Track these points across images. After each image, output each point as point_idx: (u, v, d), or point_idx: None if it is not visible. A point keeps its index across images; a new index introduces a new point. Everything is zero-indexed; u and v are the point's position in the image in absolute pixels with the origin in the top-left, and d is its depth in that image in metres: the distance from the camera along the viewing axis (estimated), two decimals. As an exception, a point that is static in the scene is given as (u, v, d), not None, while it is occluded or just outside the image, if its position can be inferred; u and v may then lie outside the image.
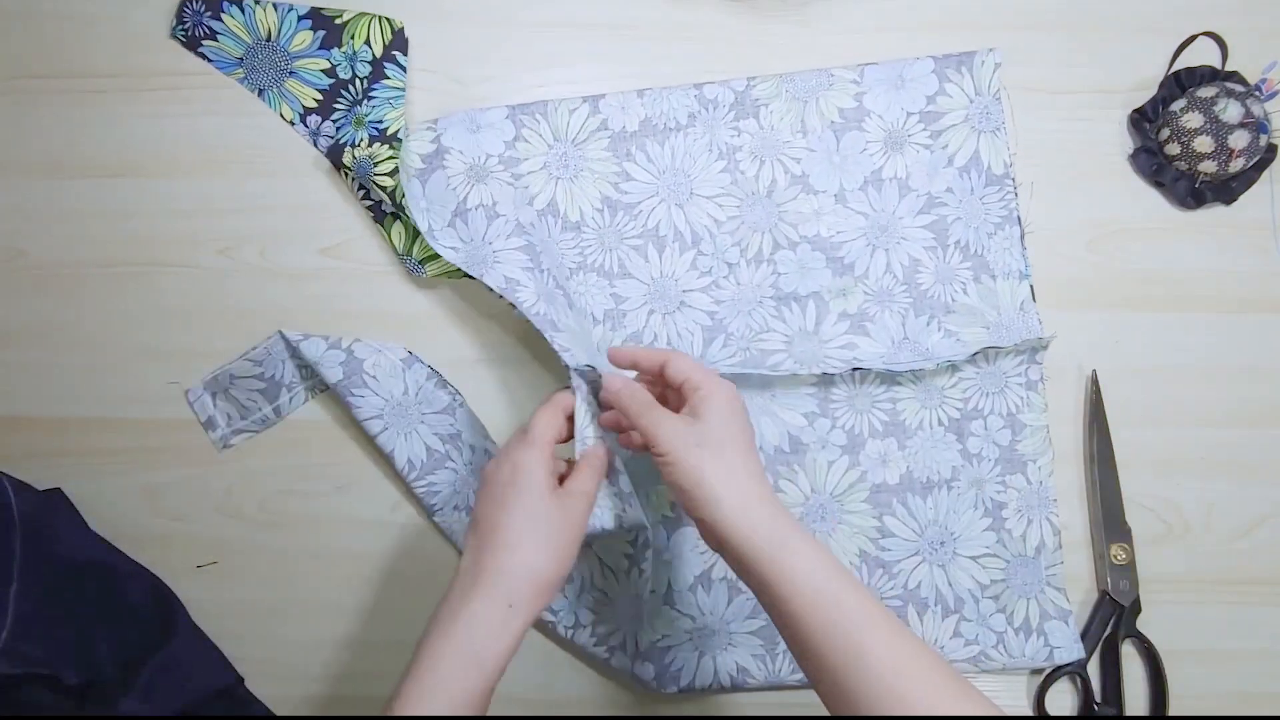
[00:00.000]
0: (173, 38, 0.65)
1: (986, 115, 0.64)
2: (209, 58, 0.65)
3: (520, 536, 0.48)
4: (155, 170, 0.65)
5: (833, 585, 0.45)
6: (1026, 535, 0.62)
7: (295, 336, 0.62)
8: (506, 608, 0.47)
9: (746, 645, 0.61)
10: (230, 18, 0.65)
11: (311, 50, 0.65)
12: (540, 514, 0.49)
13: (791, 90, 0.65)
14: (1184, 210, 0.66)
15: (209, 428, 0.64)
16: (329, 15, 0.65)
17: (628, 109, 0.64)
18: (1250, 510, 0.64)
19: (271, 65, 0.65)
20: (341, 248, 0.65)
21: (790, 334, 0.63)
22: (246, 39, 0.65)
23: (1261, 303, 0.65)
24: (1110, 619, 0.62)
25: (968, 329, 0.63)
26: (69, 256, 0.65)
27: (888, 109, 0.64)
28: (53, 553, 0.57)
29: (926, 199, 0.64)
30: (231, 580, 0.63)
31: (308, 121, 0.65)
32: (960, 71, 0.65)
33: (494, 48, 0.66)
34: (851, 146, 0.64)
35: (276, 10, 0.64)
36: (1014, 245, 0.64)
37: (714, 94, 0.64)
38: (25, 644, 0.52)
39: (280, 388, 0.63)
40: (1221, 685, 0.62)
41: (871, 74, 0.65)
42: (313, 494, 0.64)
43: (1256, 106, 0.62)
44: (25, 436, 0.64)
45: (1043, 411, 0.63)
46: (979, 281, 0.63)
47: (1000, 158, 0.64)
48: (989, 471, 0.62)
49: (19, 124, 0.66)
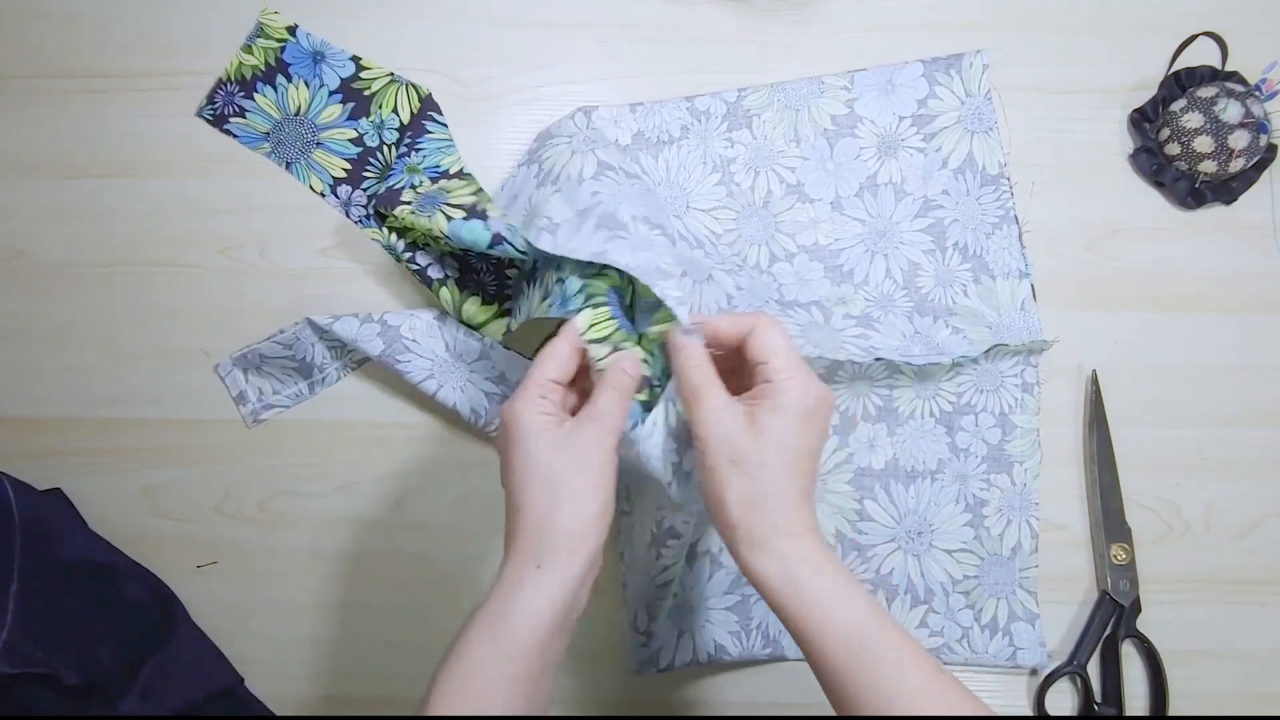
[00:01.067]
0: (199, 116, 0.65)
1: (978, 116, 0.65)
2: (234, 134, 0.65)
3: (526, 494, 0.44)
4: (155, 170, 0.65)
5: (859, 627, 0.42)
6: (1004, 535, 0.62)
7: (324, 320, 0.61)
8: (534, 569, 0.43)
9: (723, 622, 0.61)
10: (262, 96, 0.65)
11: (339, 121, 0.65)
12: (542, 464, 0.44)
13: (783, 99, 0.65)
14: (1184, 210, 0.66)
15: (240, 402, 0.64)
16: (359, 88, 0.65)
17: (620, 122, 0.64)
18: (1250, 510, 0.64)
19: (298, 138, 0.65)
20: (341, 248, 0.65)
21: (803, 325, 0.62)
22: (275, 115, 0.65)
23: (1261, 303, 0.65)
24: (1110, 619, 0.62)
25: (972, 328, 0.63)
26: (69, 256, 0.65)
27: (880, 114, 0.65)
28: (53, 553, 0.57)
29: (923, 202, 0.64)
30: (231, 580, 0.63)
31: (338, 192, 0.65)
32: (950, 74, 0.65)
33: (494, 48, 0.66)
34: (845, 153, 0.64)
35: (308, 86, 0.65)
36: (1012, 244, 0.64)
37: (705, 105, 0.64)
38: (25, 644, 0.52)
39: (312, 368, 0.63)
40: (1221, 685, 0.62)
41: (862, 80, 0.65)
42: (313, 494, 0.64)
43: (1256, 106, 0.62)
44: (25, 436, 0.64)
45: (1035, 415, 0.63)
46: (979, 282, 0.63)
47: (994, 157, 0.64)
48: (974, 468, 0.63)
49: (19, 124, 0.66)
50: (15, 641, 0.52)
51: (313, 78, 0.65)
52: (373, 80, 0.65)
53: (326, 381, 0.64)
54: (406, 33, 0.66)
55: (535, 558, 0.43)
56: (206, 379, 0.64)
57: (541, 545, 0.44)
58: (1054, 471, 0.64)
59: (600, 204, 0.54)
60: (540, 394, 0.46)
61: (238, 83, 0.65)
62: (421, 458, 0.64)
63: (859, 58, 0.66)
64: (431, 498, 0.64)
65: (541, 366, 0.47)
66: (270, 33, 0.65)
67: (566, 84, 0.66)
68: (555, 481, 0.44)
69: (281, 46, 0.65)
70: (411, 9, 0.66)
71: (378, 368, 0.63)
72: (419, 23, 0.66)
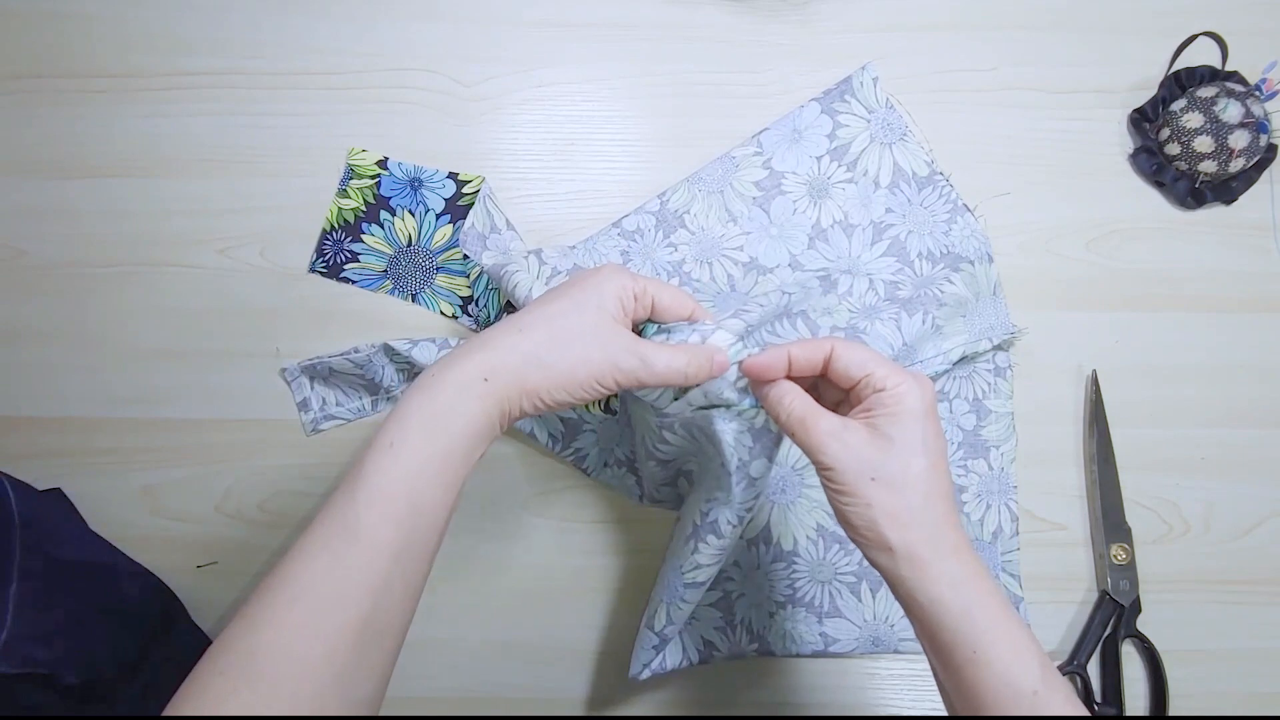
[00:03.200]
0: (312, 272, 0.64)
1: (888, 127, 0.65)
2: (352, 280, 0.64)
3: (536, 325, 0.43)
4: (155, 170, 0.65)
5: (1031, 677, 0.39)
6: (984, 520, 0.63)
7: (403, 346, 0.59)
8: (482, 381, 0.41)
9: (708, 619, 0.61)
10: (370, 236, 0.64)
11: (455, 241, 0.64)
12: (579, 323, 0.43)
13: (704, 187, 0.65)
14: (1184, 210, 0.66)
15: (303, 409, 0.64)
16: (464, 205, 0.65)
17: (560, 269, 0.59)
18: (1250, 510, 0.64)
19: (417, 269, 0.64)
20: (341, 248, 0.65)
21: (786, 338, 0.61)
22: (388, 250, 0.64)
23: (1261, 303, 0.65)
24: (1110, 619, 0.62)
25: (950, 322, 0.62)
26: (69, 256, 0.65)
27: (798, 163, 0.65)
28: (53, 553, 0.57)
29: (873, 228, 0.64)
30: (231, 580, 0.63)
31: (469, 311, 0.64)
32: (846, 99, 0.65)
33: (494, 48, 0.66)
34: (782, 213, 0.64)
35: (414, 215, 0.64)
36: (974, 231, 0.64)
37: (634, 224, 0.64)
38: (25, 644, 0.52)
39: (379, 387, 0.63)
40: (1221, 685, 0.62)
41: (769, 139, 0.65)
42: (313, 494, 0.64)
43: (1256, 106, 0.62)
44: (25, 436, 0.64)
45: (1009, 399, 0.63)
46: (959, 270, 0.63)
47: (920, 159, 0.65)
48: (951, 454, 0.63)
49: (19, 124, 0.66)
50: (15, 641, 0.52)
51: (416, 205, 0.65)
52: (474, 192, 0.65)
53: (392, 401, 0.64)
54: (407, 33, 0.66)
55: (488, 372, 0.42)
56: (207, 379, 0.64)
57: (502, 369, 0.42)
58: (1054, 471, 0.64)
59: None
60: (635, 293, 0.45)
61: (341, 228, 0.64)
62: (421, 458, 0.64)
63: (859, 58, 0.66)
64: (431, 498, 0.64)
65: (660, 286, 0.46)
66: (362, 171, 0.65)
67: (566, 84, 0.66)
68: (568, 344, 0.43)
69: (377, 182, 0.65)
70: (412, 9, 0.67)
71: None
72: (419, 23, 0.66)
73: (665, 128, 0.66)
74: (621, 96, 0.66)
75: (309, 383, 0.64)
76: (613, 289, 0.45)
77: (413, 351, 0.59)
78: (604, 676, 0.63)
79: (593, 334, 0.43)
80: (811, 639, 0.61)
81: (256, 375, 0.64)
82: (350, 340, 0.63)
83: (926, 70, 0.66)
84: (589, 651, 0.63)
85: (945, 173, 0.65)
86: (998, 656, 0.40)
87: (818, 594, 0.62)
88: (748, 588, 0.62)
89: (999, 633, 0.40)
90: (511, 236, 0.63)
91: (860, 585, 0.62)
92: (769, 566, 0.62)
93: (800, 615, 0.62)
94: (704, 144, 0.65)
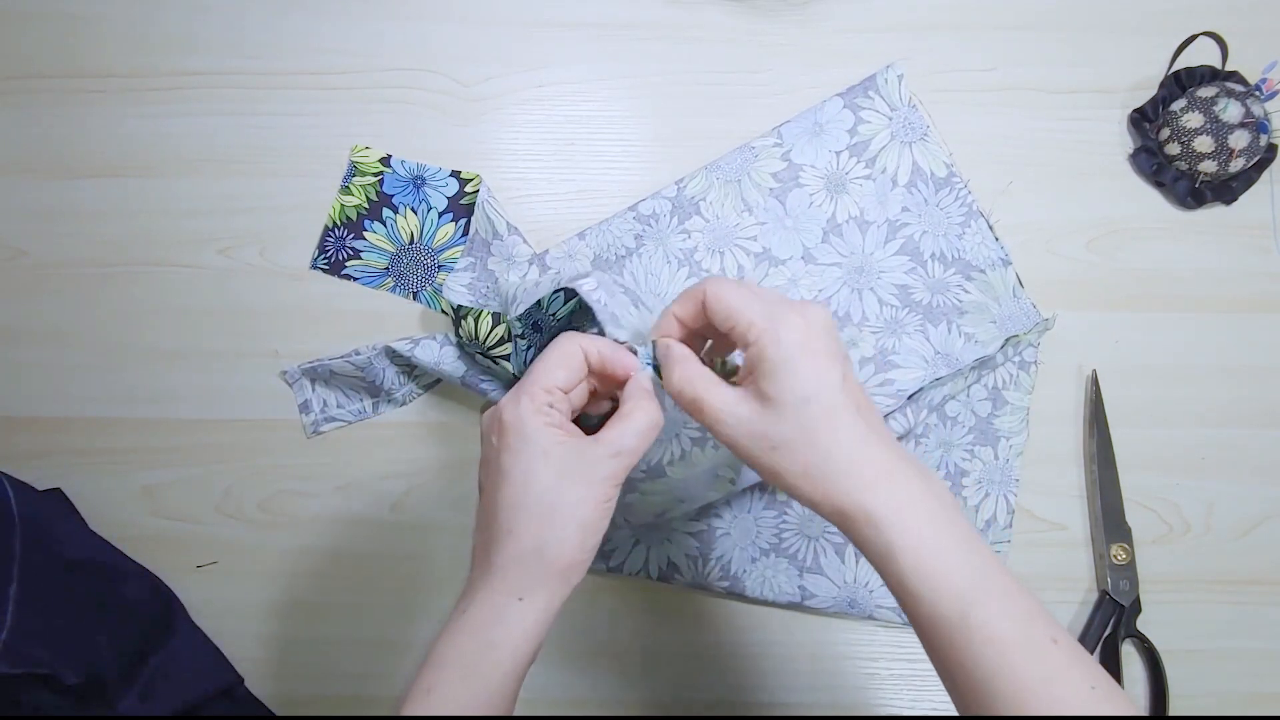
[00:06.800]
0: (314, 269, 0.64)
1: (909, 126, 0.65)
2: (354, 276, 0.64)
3: (519, 519, 0.40)
4: (156, 170, 0.65)
5: (966, 595, 0.37)
6: (980, 508, 0.63)
7: (404, 347, 0.60)
8: (516, 601, 0.40)
9: (682, 544, 0.62)
10: (372, 233, 0.64)
11: (455, 239, 0.64)
12: (544, 488, 0.40)
13: (721, 176, 0.64)
14: (1184, 210, 0.66)
15: (303, 410, 0.64)
16: (466, 203, 0.64)
17: (575, 255, 0.64)
18: (1250, 510, 0.64)
19: (419, 266, 0.64)
20: (341, 248, 0.65)
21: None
22: (390, 248, 0.64)
23: (1261, 303, 0.65)
24: (1110, 619, 0.62)
25: (980, 327, 0.62)
26: (69, 256, 0.65)
27: (817, 157, 0.65)
28: (53, 553, 0.57)
29: (888, 226, 0.64)
30: (231, 580, 0.63)
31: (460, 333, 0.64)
32: (869, 95, 0.65)
33: (494, 48, 0.66)
34: (798, 205, 0.64)
35: (416, 213, 0.64)
36: (986, 237, 0.64)
37: (650, 208, 0.64)
38: (25, 644, 0.52)
39: (380, 389, 0.63)
40: (1221, 685, 0.62)
41: (789, 131, 0.65)
42: (313, 494, 0.64)
43: (1256, 106, 0.62)
44: (25, 436, 0.64)
45: (1028, 393, 0.63)
46: (971, 279, 0.63)
47: (939, 160, 0.65)
48: (960, 437, 0.63)
49: (19, 124, 0.66)
50: (15, 641, 0.52)
51: (418, 203, 0.64)
52: (475, 191, 0.65)
53: (393, 403, 0.64)
54: (407, 33, 0.66)
55: (519, 590, 0.40)
56: (207, 379, 0.64)
57: (528, 577, 0.40)
58: (1054, 471, 0.64)
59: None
60: (549, 401, 0.42)
61: (344, 225, 0.64)
62: (421, 458, 0.64)
63: (859, 57, 0.66)
64: (431, 498, 0.64)
65: (550, 371, 0.42)
66: (365, 169, 0.65)
67: (566, 84, 0.66)
68: (556, 508, 0.40)
69: (379, 179, 0.65)
70: (412, 9, 0.67)
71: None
72: (419, 23, 0.66)
73: (665, 128, 0.66)
74: (621, 96, 0.66)
75: (310, 384, 0.64)
76: (532, 420, 0.41)
77: (414, 351, 0.59)
78: (604, 676, 0.63)
79: (559, 478, 0.40)
80: (790, 590, 0.62)
81: (256, 375, 0.64)
82: (351, 340, 0.63)
83: (926, 70, 0.66)
84: (589, 651, 0.63)
85: (965, 178, 0.64)
86: (930, 570, 0.37)
87: (803, 548, 0.62)
88: (734, 528, 0.62)
89: (927, 540, 0.37)
90: (515, 241, 0.63)
91: (846, 548, 0.62)
92: (760, 512, 0.62)
93: (782, 565, 0.62)
94: (704, 144, 0.65)
